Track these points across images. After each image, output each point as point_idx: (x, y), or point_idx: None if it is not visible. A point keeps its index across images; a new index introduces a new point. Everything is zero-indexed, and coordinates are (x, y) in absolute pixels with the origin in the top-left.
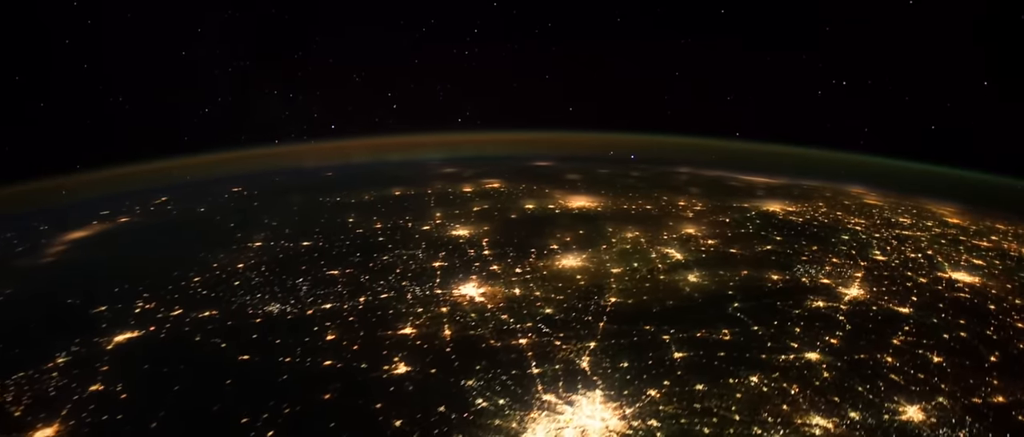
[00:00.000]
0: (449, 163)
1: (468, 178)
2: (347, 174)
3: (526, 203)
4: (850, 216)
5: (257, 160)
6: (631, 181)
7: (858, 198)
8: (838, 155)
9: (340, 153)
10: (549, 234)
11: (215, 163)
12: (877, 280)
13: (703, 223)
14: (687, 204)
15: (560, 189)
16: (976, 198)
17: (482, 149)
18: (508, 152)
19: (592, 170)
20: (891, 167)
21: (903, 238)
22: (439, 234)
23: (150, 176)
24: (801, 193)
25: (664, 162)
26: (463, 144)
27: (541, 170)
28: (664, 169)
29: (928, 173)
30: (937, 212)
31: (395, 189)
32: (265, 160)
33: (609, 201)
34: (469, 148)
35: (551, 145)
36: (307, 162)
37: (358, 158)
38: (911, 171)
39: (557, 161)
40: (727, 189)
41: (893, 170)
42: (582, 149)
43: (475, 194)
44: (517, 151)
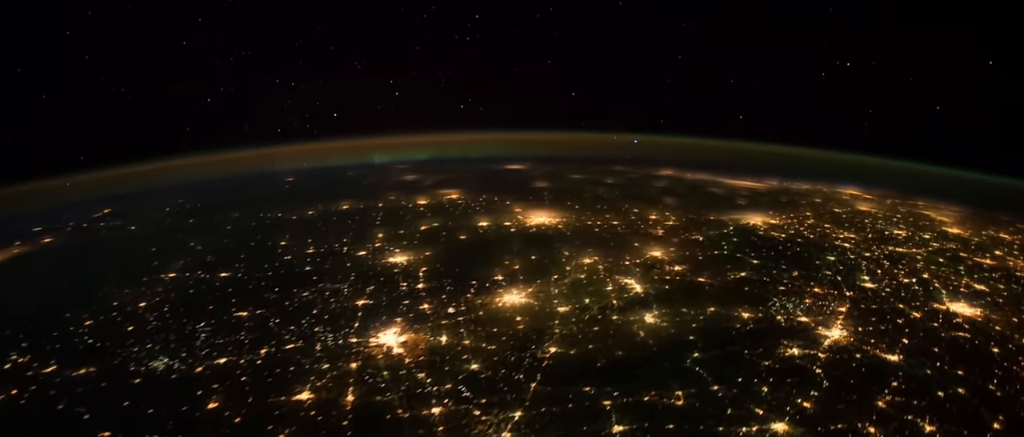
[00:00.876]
0: (420, 167)
1: (428, 187)
2: (306, 181)
3: (480, 220)
4: (839, 229)
5: (224, 164)
6: (603, 190)
7: (851, 204)
8: (837, 155)
9: (317, 154)
10: (496, 261)
11: (185, 167)
12: (864, 316)
13: (673, 244)
14: (659, 218)
15: (523, 201)
16: (978, 200)
17: (467, 149)
18: (491, 152)
19: (564, 175)
20: (891, 167)
21: (897, 257)
22: (374, 262)
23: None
24: (788, 200)
25: (649, 162)
26: (450, 144)
27: (510, 176)
28: (645, 172)
29: (928, 173)
30: (936, 219)
31: (344, 203)
32: (233, 164)
33: (572, 216)
34: (456, 148)
35: (540, 144)
36: (277, 165)
37: (332, 160)
38: (911, 171)
39: (533, 163)
40: (706, 198)
41: (892, 170)
42: (567, 147)
43: (428, 209)
44: (502, 151)
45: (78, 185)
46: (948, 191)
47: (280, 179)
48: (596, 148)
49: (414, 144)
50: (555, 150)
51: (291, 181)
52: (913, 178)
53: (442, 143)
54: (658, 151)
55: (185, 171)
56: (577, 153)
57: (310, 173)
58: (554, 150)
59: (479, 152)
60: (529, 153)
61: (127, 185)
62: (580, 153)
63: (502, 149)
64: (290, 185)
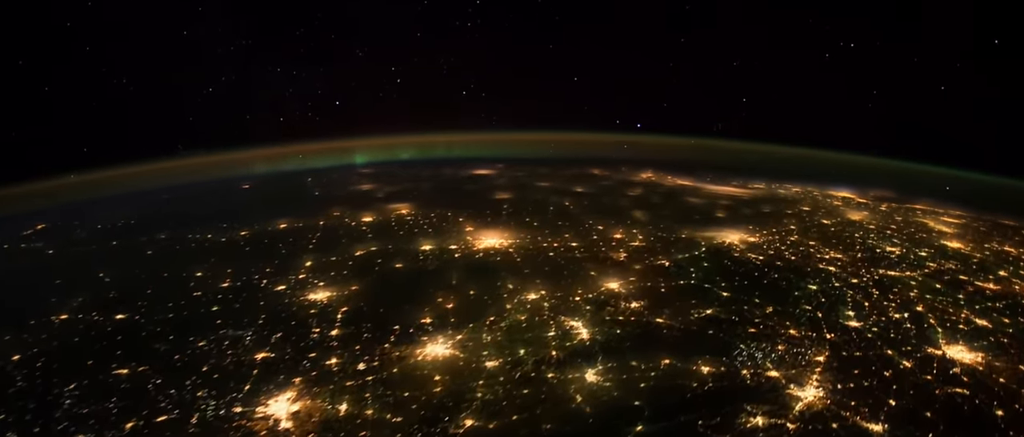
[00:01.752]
0: (385, 172)
1: (380, 200)
2: (261, 190)
3: (424, 242)
4: (825, 248)
5: (194, 168)
6: (569, 201)
7: (841, 213)
8: (835, 155)
9: (291, 157)
10: (429, 298)
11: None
12: (845, 368)
13: (634, 272)
14: (625, 237)
15: (478, 217)
16: (980, 201)
17: (451, 149)
18: (474, 151)
19: (533, 182)
20: (889, 168)
21: (888, 283)
22: (291, 299)
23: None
24: (773, 210)
25: (633, 162)
26: (436, 144)
27: (474, 185)
28: (623, 177)
29: (928, 173)
30: (934, 229)
31: (283, 221)
32: (203, 168)
33: (527, 236)
34: (440, 147)
35: (527, 144)
36: (246, 169)
37: (309, 161)
38: (910, 171)
39: (506, 167)
40: (681, 211)
41: (891, 170)
42: (555, 147)
43: (371, 228)
44: (484, 150)
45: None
46: (948, 191)
47: (234, 186)
48: (584, 147)
49: (399, 144)
50: (540, 150)
51: (247, 188)
52: (912, 178)
53: (427, 143)
54: (647, 150)
55: (153, 175)
56: (561, 152)
57: (271, 180)
58: (539, 150)
59: (462, 152)
60: (510, 153)
61: (86, 191)
62: (565, 153)
63: (485, 149)
64: (243, 194)
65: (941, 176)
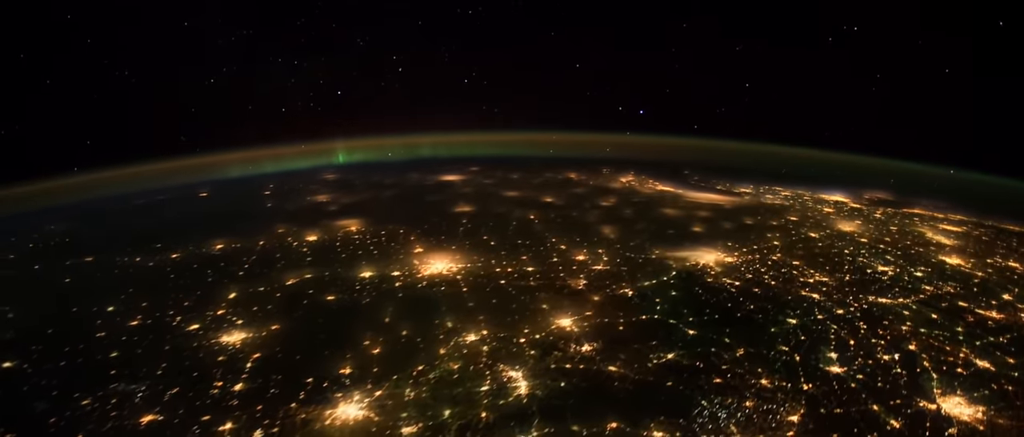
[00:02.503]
0: (349, 179)
1: (330, 215)
2: (214, 201)
3: (365, 269)
4: (811, 268)
5: (163, 173)
6: (534, 214)
7: (831, 224)
8: (833, 155)
9: (272, 158)
10: (354, 341)
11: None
12: (822, 429)
13: (592, 304)
14: (588, 259)
15: (430, 236)
16: (982, 203)
17: (435, 149)
18: (456, 151)
19: (500, 190)
20: (888, 168)
21: (878, 314)
22: (201, 343)
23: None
24: (756, 222)
25: (615, 164)
26: (420, 144)
27: (435, 194)
28: (599, 184)
29: (927, 174)
30: (932, 242)
31: (219, 241)
32: (170, 173)
33: (480, 260)
34: (424, 147)
35: (511, 144)
36: (219, 172)
37: (284, 163)
38: (909, 171)
39: (478, 171)
40: (656, 224)
41: (889, 171)
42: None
43: (312, 250)
44: (466, 150)
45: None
46: (948, 193)
47: (191, 195)
48: (574, 146)
49: (385, 144)
50: (525, 148)
51: (203, 197)
52: (911, 179)
53: (411, 143)
54: (637, 149)
55: (122, 180)
56: (548, 152)
57: (233, 186)
58: (524, 148)
59: (444, 151)
60: (494, 152)
61: (47, 197)
62: (552, 151)
63: (469, 148)
64: (196, 205)
65: (940, 176)
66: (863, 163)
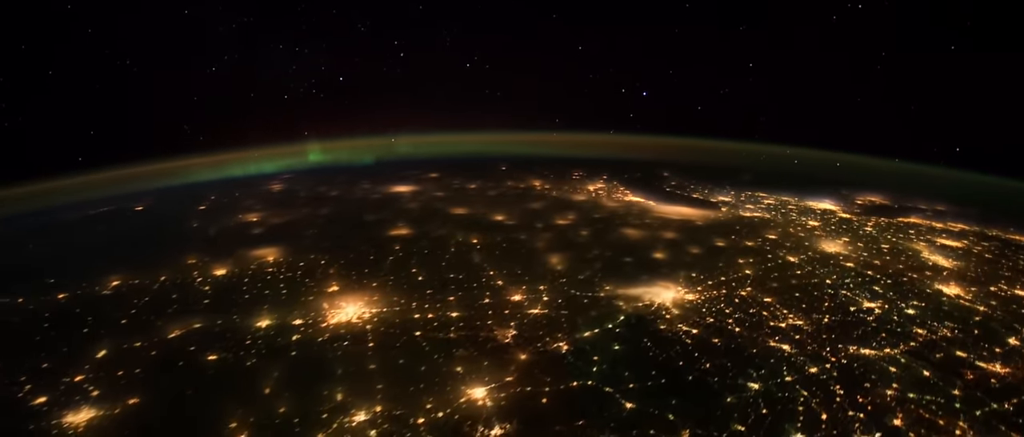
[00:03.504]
0: (294, 189)
1: (252, 241)
2: (141, 218)
3: (264, 316)
4: (784, 308)
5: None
6: (479, 239)
7: (814, 243)
8: (828, 154)
9: (243, 160)
10: (218, 424)
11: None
12: None
13: (516, 365)
14: (525, 300)
15: (353, 268)
16: (985, 211)
17: (411, 147)
18: (438, 150)
19: (446, 208)
20: (886, 168)
21: (858, 373)
22: (38, 425)
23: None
24: (728, 244)
25: (587, 168)
26: (402, 145)
27: (375, 212)
28: (560, 195)
29: (925, 174)
30: (928, 263)
31: (116, 277)
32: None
33: (400, 302)
34: (406, 147)
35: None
36: (178, 177)
37: (251, 167)
38: (907, 172)
39: (438, 176)
40: (612, 250)
41: (887, 171)
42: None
43: (215, 288)
44: (438, 149)
45: None
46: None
47: (131, 209)
48: (559, 145)
49: (367, 145)
50: (505, 147)
51: (138, 211)
52: (909, 179)
53: (383, 145)
54: (621, 149)
55: (66, 190)
56: (525, 151)
57: (172, 199)
58: (503, 147)
59: (413, 150)
60: (465, 151)
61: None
62: (528, 150)
63: (446, 147)
64: (121, 224)
65: (940, 176)
66: (861, 163)
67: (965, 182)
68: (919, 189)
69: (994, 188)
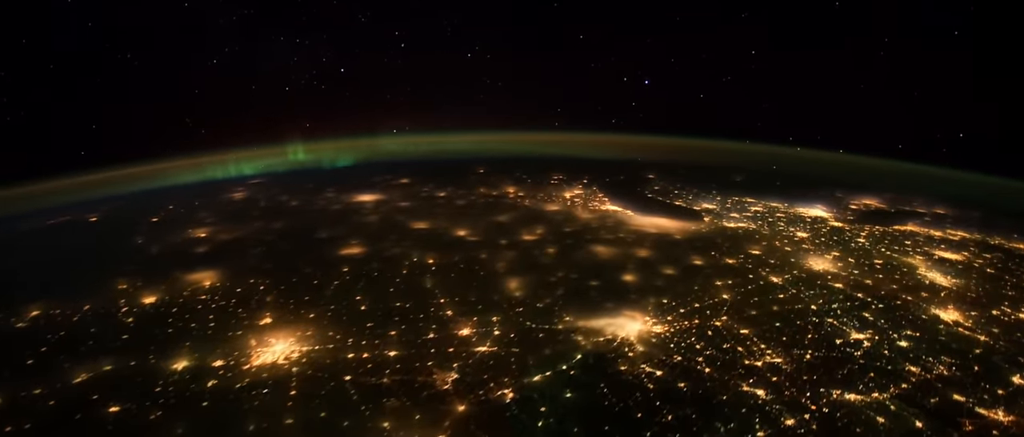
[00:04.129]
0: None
1: (192, 262)
2: (93, 231)
3: (181, 357)
4: (762, 342)
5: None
6: (431, 261)
7: (800, 262)
8: (823, 154)
9: (220, 164)
10: None
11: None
12: None
13: (451, 418)
14: (473, 335)
15: (289, 298)
16: (987, 216)
17: (405, 147)
18: (402, 150)
19: (404, 224)
20: (882, 168)
21: (842, 423)
22: None
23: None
24: (707, 263)
25: (566, 172)
26: (381, 146)
27: (330, 226)
28: (533, 205)
29: (923, 174)
30: (925, 280)
31: (39, 305)
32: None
33: (335, 337)
34: (393, 146)
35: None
36: (151, 180)
37: (226, 169)
38: (904, 171)
39: (406, 184)
40: (579, 273)
41: (882, 171)
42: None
43: (139, 320)
44: (416, 149)
45: None
46: (949, 196)
47: (86, 220)
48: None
49: (354, 145)
50: (483, 147)
51: (91, 222)
52: (909, 179)
53: (365, 146)
54: (611, 149)
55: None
56: (510, 151)
57: (127, 207)
58: (482, 147)
59: (413, 149)
60: (442, 151)
61: None
62: (507, 151)
63: (422, 147)
64: (69, 237)
65: (941, 177)
66: (860, 162)
67: (967, 182)
68: (919, 189)
69: (997, 189)
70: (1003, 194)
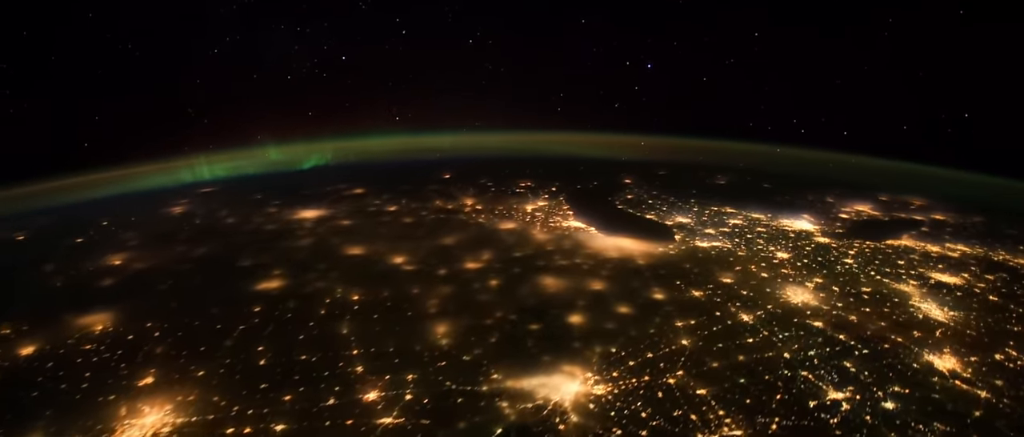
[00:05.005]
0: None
1: (89, 301)
2: (16, 251)
3: (31, 434)
4: (721, 409)
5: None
6: (353, 302)
7: (777, 292)
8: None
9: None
10: None
11: None
12: None
13: None
14: (378, 400)
15: (180, 349)
16: (989, 224)
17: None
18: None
19: (337, 249)
20: (877, 167)
21: None
22: None
23: None
24: (669, 297)
25: (537, 180)
26: (360, 148)
27: (256, 251)
28: (487, 222)
29: (921, 174)
30: (918, 317)
31: None
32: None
33: (219, 403)
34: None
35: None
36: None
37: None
38: (901, 171)
39: (351, 198)
40: (520, 314)
41: (878, 170)
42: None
43: (2, 382)
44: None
45: None
46: (950, 198)
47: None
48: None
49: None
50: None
51: (17, 242)
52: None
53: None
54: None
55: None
56: (487, 152)
57: (67, 219)
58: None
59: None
60: (417, 151)
61: None
62: (482, 151)
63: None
64: None
65: (936, 176)
66: (860, 162)
67: (970, 182)
68: (919, 189)
69: (1002, 190)
70: (1008, 196)
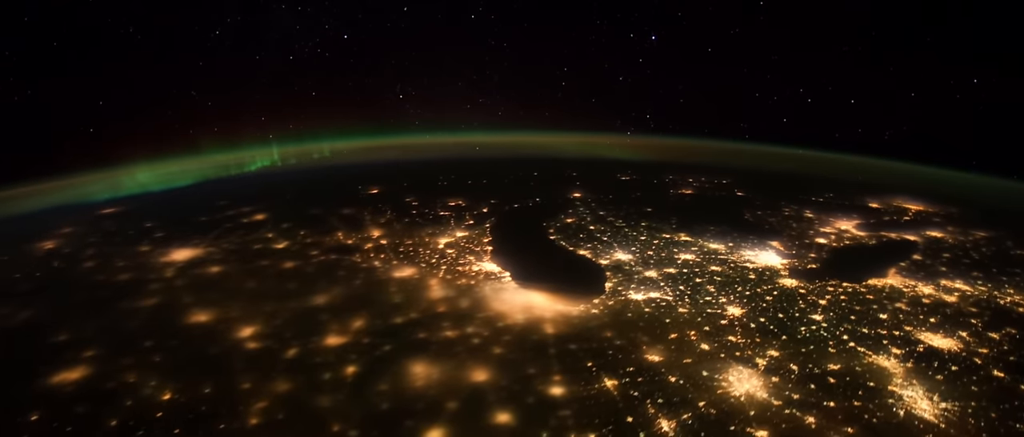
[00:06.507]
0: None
1: None
2: None
3: None
4: None
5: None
6: (155, 419)
7: (726, 357)
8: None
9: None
10: None
11: None
12: None
13: None
14: None
15: None
16: (998, 248)
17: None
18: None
19: (181, 313)
20: (874, 168)
21: None
22: None
23: None
24: (576, 392)
25: (488, 185)
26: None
27: (89, 316)
28: (382, 266)
29: (919, 173)
30: (897, 415)
31: None
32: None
33: None
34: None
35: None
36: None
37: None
38: (898, 170)
39: (243, 231)
40: (361, 434)
41: (873, 170)
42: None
43: None
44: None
45: None
46: (949, 211)
47: None
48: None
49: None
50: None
51: None
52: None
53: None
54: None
55: None
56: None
57: None
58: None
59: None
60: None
61: None
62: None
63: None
64: None
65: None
66: (859, 162)
67: (976, 184)
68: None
69: (1010, 192)
70: (1015, 199)
